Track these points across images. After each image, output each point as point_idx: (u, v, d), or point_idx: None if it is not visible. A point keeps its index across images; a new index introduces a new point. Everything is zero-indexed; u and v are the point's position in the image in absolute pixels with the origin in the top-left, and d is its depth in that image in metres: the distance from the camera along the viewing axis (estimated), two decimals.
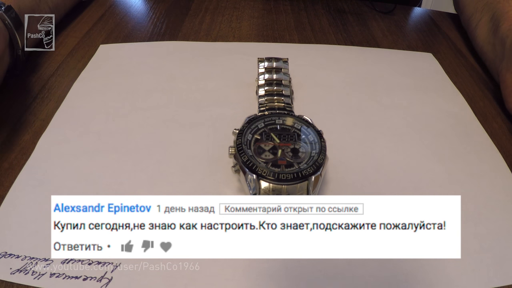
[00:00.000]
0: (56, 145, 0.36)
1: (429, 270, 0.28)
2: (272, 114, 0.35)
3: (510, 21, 0.46)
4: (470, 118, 0.42)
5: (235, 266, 0.28)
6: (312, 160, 0.31)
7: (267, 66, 0.40)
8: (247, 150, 0.31)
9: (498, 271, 0.28)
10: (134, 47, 0.53)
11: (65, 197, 0.27)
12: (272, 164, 0.31)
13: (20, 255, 0.27)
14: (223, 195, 0.32)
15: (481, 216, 0.32)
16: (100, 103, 0.41)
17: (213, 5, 0.65)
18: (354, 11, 0.64)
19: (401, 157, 0.37)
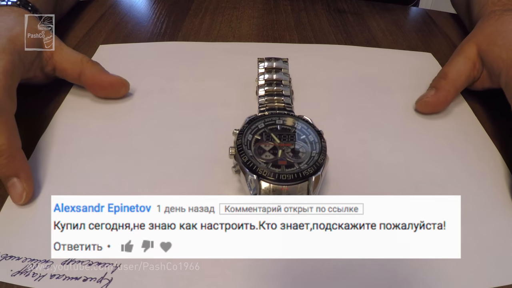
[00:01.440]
0: (56, 145, 0.36)
1: (429, 270, 0.28)
2: (272, 114, 0.35)
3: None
4: (470, 117, 0.42)
5: (235, 266, 0.28)
6: (313, 161, 0.31)
7: (267, 66, 0.40)
8: (248, 151, 0.31)
9: (498, 271, 0.28)
10: (133, 47, 0.53)
11: (65, 197, 0.27)
12: (273, 164, 0.31)
13: (20, 257, 0.27)
14: (223, 195, 0.32)
15: (481, 216, 0.32)
16: (100, 104, 0.41)
17: (213, 5, 0.65)
18: (354, 11, 0.64)
19: (402, 157, 0.37)
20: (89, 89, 0.41)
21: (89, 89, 0.41)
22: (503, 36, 0.41)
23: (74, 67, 0.40)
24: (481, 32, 0.43)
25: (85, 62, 0.41)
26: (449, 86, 0.42)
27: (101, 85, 0.41)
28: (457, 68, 0.42)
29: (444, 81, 0.42)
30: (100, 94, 0.42)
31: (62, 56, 0.40)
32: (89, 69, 0.40)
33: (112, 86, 0.41)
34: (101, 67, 0.41)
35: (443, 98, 0.42)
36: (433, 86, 0.42)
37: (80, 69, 0.40)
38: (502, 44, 0.40)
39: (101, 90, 0.41)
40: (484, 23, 0.44)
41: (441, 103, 0.42)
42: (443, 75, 0.42)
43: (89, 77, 0.40)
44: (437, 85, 0.42)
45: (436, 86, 0.42)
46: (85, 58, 0.41)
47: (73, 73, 0.41)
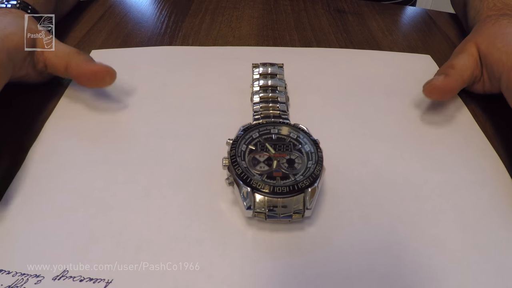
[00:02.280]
0: (46, 155, 0.36)
1: (429, 282, 0.28)
2: (267, 123, 0.34)
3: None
4: (470, 122, 0.41)
5: (235, 266, 0.28)
6: (309, 172, 0.30)
7: (262, 72, 0.40)
8: (241, 162, 0.31)
9: (499, 280, 0.28)
10: (126, 52, 0.52)
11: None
12: (267, 176, 0.30)
13: (11, 271, 0.27)
14: (216, 209, 0.32)
15: (480, 225, 0.32)
16: (92, 111, 0.41)
17: (213, 5, 0.64)
18: (354, 11, 0.63)
19: (400, 165, 0.36)
20: (76, 80, 0.40)
21: (76, 80, 0.40)
22: (502, 38, 0.40)
23: (61, 61, 0.40)
24: (480, 34, 0.43)
25: (71, 54, 0.40)
26: (457, 75, 0.41)
27: (85, 75, 0.40)
28: (462, 62, 0.42)
29: (453, 70, 0.41)
30: (86, 84, 0.40)
31: (51, 51, 0.40)
32: (74, 59, 0.40)
33: (96, 74, 0.40)
34: (88, 57, 0.41)
35: (453, 84, 0.40)
36: (441, 73, 0.41)
37: (66, 61, 0.40)
38: (501, 47, 0.39)
39: (86, 80, 0.40)
40: (482, 27, 0.44)
41: (450, 89, 0.40)
42: (451, 65, 0.42)
43: (74, 68, 0.40)
44: (446, 71, 0.41)
45: (445, 73, 0.41)
46: (72, 50, 0.40)
47: (60, 67, 0.40)
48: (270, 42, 0.54)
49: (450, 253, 0.29)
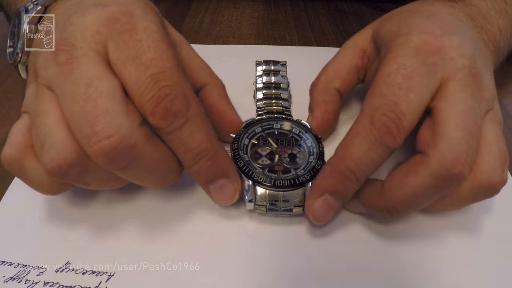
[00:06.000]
0: None
1: (429, 276, 0.28)
2: (270, 118, 0.35)
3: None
4: None
5: (235, 266, 0.28)
6: (310, 166, 0.30)
7: (265, 69, 0.40)
8: (244, 155, 0.31)
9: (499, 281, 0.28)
10: None
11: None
12: (269, 169, 0.30)
13: (13, 263, 0.27)
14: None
15: (480, 223, 0.32)
16: None
17: (213, 5, 0.64)
18: (354, 11, 0.63)
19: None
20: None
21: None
22: (398, 11, 0.34)
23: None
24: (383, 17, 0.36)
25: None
26: (322, 96, 0.36)
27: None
28: (333, 66, 0.38)
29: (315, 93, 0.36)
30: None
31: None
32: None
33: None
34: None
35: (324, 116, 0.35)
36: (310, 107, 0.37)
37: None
38: (396, 19, 0.32)
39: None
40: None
41: (324, 122, 0.35)
42: (312, 86, 0.38)
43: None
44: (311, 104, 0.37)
45: (311, 106, 0.37)
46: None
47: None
48: (270, 42, 0.55)
49: (450, 251, 0.29)
